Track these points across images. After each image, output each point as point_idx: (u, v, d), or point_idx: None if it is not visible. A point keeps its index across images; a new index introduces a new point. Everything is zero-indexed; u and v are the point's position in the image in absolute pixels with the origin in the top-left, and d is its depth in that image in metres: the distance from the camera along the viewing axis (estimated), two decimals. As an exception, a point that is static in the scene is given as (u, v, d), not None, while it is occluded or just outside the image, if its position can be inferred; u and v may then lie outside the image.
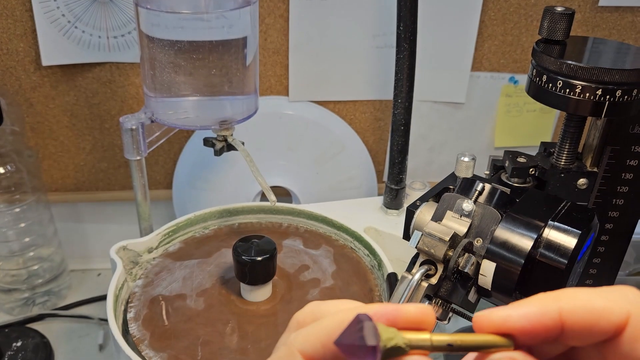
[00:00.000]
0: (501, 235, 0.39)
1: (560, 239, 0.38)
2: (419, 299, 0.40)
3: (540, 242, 0.38)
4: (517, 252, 0.38)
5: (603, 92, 0.41)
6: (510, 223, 0.39)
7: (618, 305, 0.21)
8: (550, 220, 0.38)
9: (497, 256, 0.39)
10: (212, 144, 0.62)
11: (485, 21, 0.79)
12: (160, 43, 0.56)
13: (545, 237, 0.38)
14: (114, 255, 0.59)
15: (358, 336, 0.21)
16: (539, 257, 0.38)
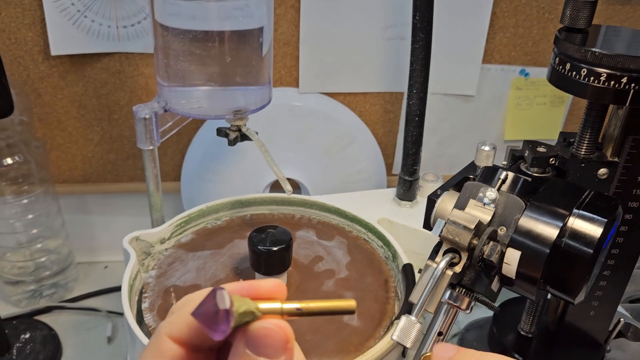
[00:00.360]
0: (526, 224, 0.39)
1: (585, 227, 0.38)
2: (443, 288, 0.39)
3: (565, 231, 0.38)
4: (542, 241, 0.38)
5: (628, 79, 0.41)
6: (534, 212, 0.39)
7: None
8: (575, 208, 0.38)
9: (521, 245, 0.39)
10: (226, 134, 0.61)
11: (497, 13, 0.79)
12: (175, 32, 0.56)
13: (570, 226, 0.38)
14: (127, 246, 0.58)
15: (212, 304, 0.22)
16: (564, 246, 0.38)
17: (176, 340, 0.24)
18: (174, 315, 0.25)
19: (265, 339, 0.22)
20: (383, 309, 0.55)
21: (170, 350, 0.24)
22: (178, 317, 0.24)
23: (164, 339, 0.24)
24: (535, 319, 0.58)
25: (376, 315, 0.54)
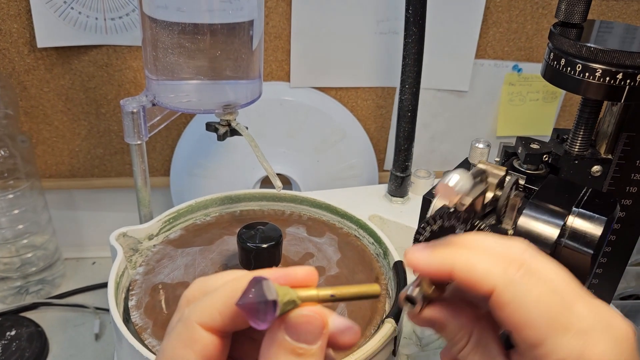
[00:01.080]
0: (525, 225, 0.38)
1: (586, 226, 0.37)
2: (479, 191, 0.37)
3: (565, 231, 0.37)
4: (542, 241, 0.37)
5: (624, 75, 0.40)
6: (534, 211, 0.38)
7: (490, 277, 0.26)
8: (574, 207, 0.37)
9: None
10: (215, 128, 0.60)
11: (491, 8, 0.78)
12: (163, 25, 0.55)
13: (570, 225, 0.37)
14: (114, 242, 0.57)
15: (258, 294, 0.22)
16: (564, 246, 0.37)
17: (208, 328, 0.24)
18: (202, 303, 0.24)
19: (306, 325, 0.23)
20: (374, 306, 0.55)
21: (203, 338, 0.24)
22: (209, 306, 0.24)
23: (196, 327, 0.24)
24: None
25: (367, 313, 0.54)
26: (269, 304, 0.22)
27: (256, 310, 0.22)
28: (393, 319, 0.51)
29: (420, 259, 0.28)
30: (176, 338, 0.24)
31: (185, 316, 0.24)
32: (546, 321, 0.25)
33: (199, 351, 0.24)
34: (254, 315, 0.22)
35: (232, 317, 0.24)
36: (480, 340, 0.29)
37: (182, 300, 0.26)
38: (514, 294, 0.26)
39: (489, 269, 0.27)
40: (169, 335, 0.25)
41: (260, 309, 0.22)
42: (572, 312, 0.26)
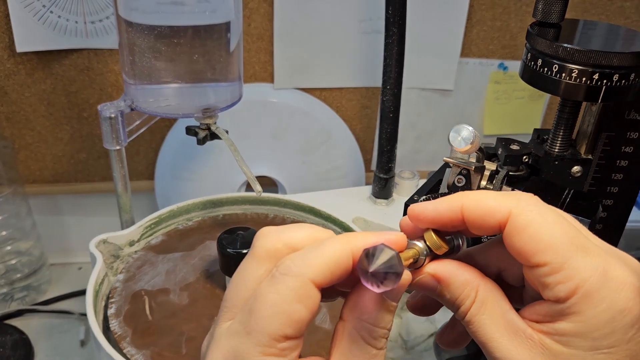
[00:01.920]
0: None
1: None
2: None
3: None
4: None
5: (600, 76, 0.40)
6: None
7: (504, 205, 0.26)
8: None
9: None
10: (195, 132, 0.59)
11: (474, 6, 0.77)
12: (139, 28, 0.54)
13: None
14: (94, 249, 0.56)
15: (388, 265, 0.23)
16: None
17: (317, 285, 0.25)
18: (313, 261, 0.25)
19: (402, 288, 0.26)
20: (357, 310, 0.54)
21: (315, 294, 0.25)
22: (321, 264, 0.25)
23: (310, 284, 0.25)
24: (512, 318, 0.57)
25: (349, 317, 0.53)
26: (398, 274, 0.24)
27: (382, 276, 0.23)
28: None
29: (428, 206, 0.27)
30: (289, 293, 0.24)
31: (294, 271, 0.25)
32: (568, 240, 0.25)
33: (310, 307, 0.25)
34: (379, 281, 0.24)
35: (339, 276, 0.25)
36: (487, 298, 0.27)
37: (258, 250, 0.27)
38: (531, 216, 0.25)
39: (500, 199, 0.26)
40: (275, 288, 0.25)
41: (386, 277, 0.23)
42: (588, 238, 0.26)
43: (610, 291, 0.24)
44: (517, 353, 0.26)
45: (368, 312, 0.26)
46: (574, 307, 0.24)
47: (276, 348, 0.24)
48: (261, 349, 0.24)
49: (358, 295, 0.26)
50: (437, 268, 0.28)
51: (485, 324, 0.26)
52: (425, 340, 0.63)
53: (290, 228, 0.27)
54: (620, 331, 0.24)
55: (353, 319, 0.26)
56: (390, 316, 0.26)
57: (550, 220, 0.25)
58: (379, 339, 0.26)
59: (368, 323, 0.26)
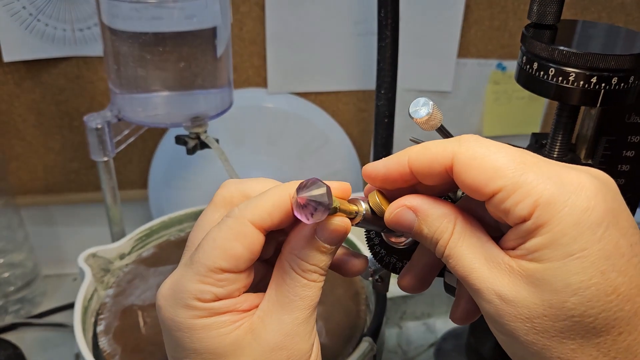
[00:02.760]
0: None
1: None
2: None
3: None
4: None
5: (598, 79, 0.38)
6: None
7: (447, 149, 0.26)
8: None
9: None
10: (185, 142, 0.58)
11: (471, 5, 0.76)
12: (123, 35, 0.53)
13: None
14: (82, 264, 0.55)
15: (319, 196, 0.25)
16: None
17: (257, 225, 0.27)
18: (254, 203, 0.27)
19: (337, 232, 0.27)
20: (353, 323, 0.53)
21: (253, 234, 0.27)
22: (260, 205, 0.27)
23: (248, 224, 0.27)
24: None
25: (345, 330, 0.52)
26: (324, 207, 0.25)
27: (312, 208, 0.25)
28: (371, 337, 0.49)
29: (378, 165, 0.29)
30: (228, 231, 0.27)
31: (236, 213, 0.27)
32: (515, 161, 0.25)
33: (247, 245, 0.27)
34: (308, 210, 0.25)
35: (279, 218, 0.27)
36: (465, 229, 0.27)
37: (217, 198, 0.30)
38: (473, 150, 0.26)
39: (442, 143, 0.27)
40: (218, 227, 0.27)
41: (316, 209, 0.25)
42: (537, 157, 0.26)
43: (569, 194, 0.24)
44: (498, 281, 0.25)
45: (298, 248, 0.28)
46: (538, 220, 0.24)
47: (212, 278, 0.27)
48: (199, 277, 0.27)
49: (294, 231, 0.28)
50: (414, 201, 0.28)
51: (465, 255, 0.27)
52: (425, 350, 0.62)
53: (249, 180, 0.30)
54: (588, 231, 0.24)
55: (286, 252, 0.28)
56: (321, 256, 0.28)
57: (494, 149, 0.26)
58: (309, 273, 0.28)
59: (298, 257, 0.28)
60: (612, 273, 0.23)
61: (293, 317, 0.28)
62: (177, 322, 0.27)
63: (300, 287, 0.28)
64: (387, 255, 0.35)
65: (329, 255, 0.28)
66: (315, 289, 0.28)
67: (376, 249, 0.34)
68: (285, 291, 0.28)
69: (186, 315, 0.27)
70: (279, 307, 0.28)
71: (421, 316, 0.65)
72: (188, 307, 0.27)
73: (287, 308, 0.28)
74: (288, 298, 0.28)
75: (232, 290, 0.27)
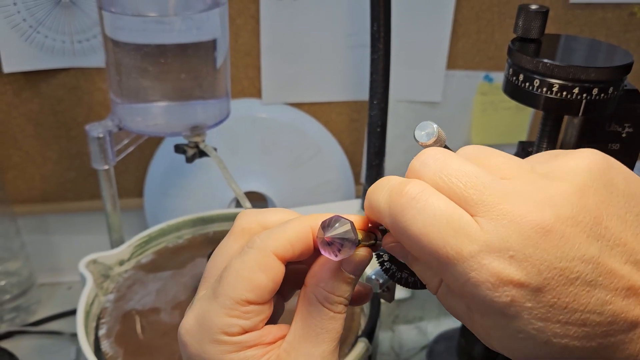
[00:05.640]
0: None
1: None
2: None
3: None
4: None
5: (580, 90, 0.41)
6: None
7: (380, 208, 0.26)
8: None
9: None
10: (184, 150, 0.60)
11: (459, 19, 0.78)
12: (125, 47, 0.54)
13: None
14: (84, 270, 0.56)
15: (344, 233, 0.25)
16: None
17: (279, 257, 0.27)
18: (276, 235, 0.27)
19: (361, 263, 0.28)
20: (348, 325, 0.54)
21: (276, 265, 0.27)
22: (282, 237, 0.27)
23: (271, 255, 0.27)
24: (502, 329, 0.58)
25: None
26: (351, 243, 0.25)
27: (339, 245, 0.25)
28: (367, 338, 0.51)
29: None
30: (252, 262, 0.27)
31: (259, 244, 0.27)
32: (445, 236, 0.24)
33: (272, 276, 0.27)
34: (335, 247, 0.25)
35: (300, 250, 0.28)
36: None
37: (236, 229, 0.30)
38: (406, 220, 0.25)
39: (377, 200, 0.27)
40: (241, 258, 0.27)
41: (343, 245, 0.25)
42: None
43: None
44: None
45: (325, 280, 0.28)
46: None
47: (239, 311, 0.27)
48: (225, 310, 0.27)
49: (318, 264, 0.29)
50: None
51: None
52: (417, 352, 0.63)
53: (267, 211, 0.31)
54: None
55: (312, 285, 0.28)
56: (346, 287, 0.28)
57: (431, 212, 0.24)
58: (336, 305, 0.28)
59: (325, 290, 0.28)
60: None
61: (321, 350, 0.28)
62: (206, 358, 0.27)
63: (327, 319, 0.28)
64: (398, 271, 0.37)
65: (352, 286, 0.29)
66: (340, 320, 0.29)
67: (386, 265, 0.35)
68: (312, 324, 0.28)
69: (216, 351, 0.27)
70: (306, 340, 0.28)
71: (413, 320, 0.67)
72: (217, 342, 0.27)
73: (314, 341, 0.28)
74: (315, 331, 0.28)
75: (257, 322, 0.28)
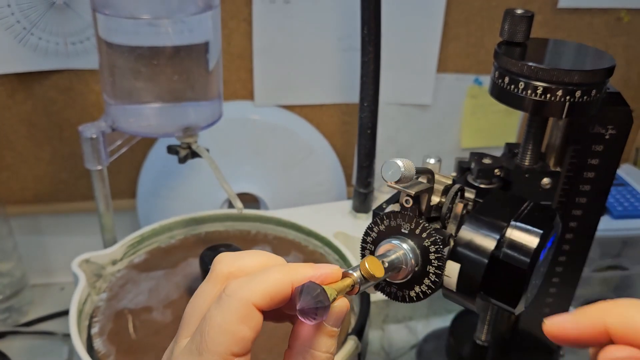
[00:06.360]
0: (465, 236, 0.39)
1: (522, 238, 0.38)
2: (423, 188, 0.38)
3: (502, 243, 0.38)
4: (480, 252, 0.38)
5: (564, 92, 0.42)
6: (473, 224, 0.39)
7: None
8: (513, 220, 0.38)
9: (461, 256, 0.38)
10: (176, 151, 0.60)
11: (449, 23, 0.80)
12: (119, 49, 0.55)
13: (508, 237, 0.38)
14: (76, 269, 0.57)
15: (316, 300, 0.26)
16: (501, 257, 0.38)
17: (259, 307, 0.27)
18: (255, 286, 0.27)
19: (340, 314, 0.28)
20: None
21: (256, 316, 0.27)
22: (262, 289, 0.27)
23: (252, 306, 0.27)
24: (490, 327, 0.59)
25: (331, 330, 0.54)
26: (325, 308, 0.27)
27: (314, 312, 0.27)
28: (356, 336, 0.52)
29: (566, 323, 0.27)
30: (233, 315, 0.27)
31: (239, 295, 0.27)
32: None
33: (253, 327, 0.27)
34: (310, 315, 0.27)
35: (279, 301, 0.27)
36: None
37: (214, 274, 0.30)
38: None
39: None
40: (220, 310, 0.27)
41: (317, 310, 0.27)
42: None
43: None
44: None
45: (309, 339, 0.28)
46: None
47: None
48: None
49: (299, 324, 0.29)
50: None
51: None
52: (406, 352, 0.64)
53: (245, 254, 0.30)
54: None
55: (297, 346, 0.29)
56: (330, 340, 0.29)
57: None
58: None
59: (311, 348, 0.28)
60: None
61: None
62: None
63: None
64: (387, 286, 0.38)
65: (336, 338, 0.29)
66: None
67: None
68: None
69: None
70: None
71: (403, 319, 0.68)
72: None
73: None
74: None
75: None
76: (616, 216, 0.77)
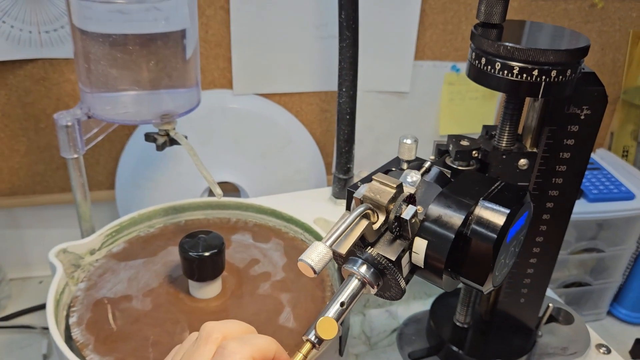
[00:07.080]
0: (433, 213, 0.39)
1: (489, 217, 0.38)
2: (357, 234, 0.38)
3: (470, 220, 0.39)
4: (447, 229, 0.38)
5: (539, 72, 0.42)
6: (442, 201, 0.39)
7: None
8: (482, 199, 0.39)
9: (428, 233, 0.39)
10: (154, 139, 0.60)
11: (426, 10, 0.80)
12: (93, 36, 0.54)
13: (476, 215, 0.38)
14: (53, 259, 0.56)
15: None
16: (469, 235, 0.38)
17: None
18: (250, 346, 0.32)
19: None
20: (319, 308, 0.55)
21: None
22: (255, 347, 0.32)
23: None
24: (469, 309, 0.59)
25: (312, 315, 0.54)
26: None
27: None
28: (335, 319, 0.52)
29: None
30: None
31: (240, 350, 0.31)
32: None
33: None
34: None
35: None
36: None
37: (212, 338, 0.33)
38: None
39: None
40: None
41: None
42: None
43: None
44: None
45: None
46: None
47: None
48: None
49: None
50: None
51: None
52: (387, 335, 0.65)
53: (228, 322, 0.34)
54: None
55: None
56: None
57: None
58: None
59: None
60: None
61: None
62: None
63: None
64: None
65: None
66: None
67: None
68: None
69: None
70: None
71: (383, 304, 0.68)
72: None
73: None
74: None
75: None
76: (592, 199, 0.78)
